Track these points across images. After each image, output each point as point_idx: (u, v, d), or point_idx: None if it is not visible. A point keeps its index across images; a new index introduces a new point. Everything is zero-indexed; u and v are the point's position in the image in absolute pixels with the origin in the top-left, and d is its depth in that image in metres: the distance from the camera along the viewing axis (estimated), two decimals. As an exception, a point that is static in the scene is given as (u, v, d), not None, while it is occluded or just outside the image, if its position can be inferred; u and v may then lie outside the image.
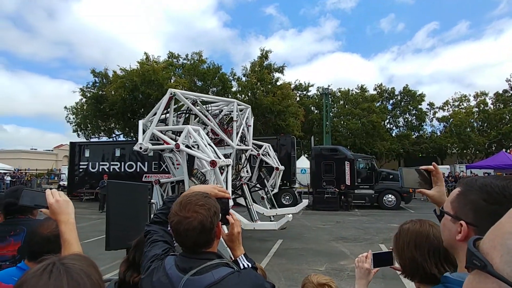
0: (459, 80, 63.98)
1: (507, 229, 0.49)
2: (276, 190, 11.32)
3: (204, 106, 8.35)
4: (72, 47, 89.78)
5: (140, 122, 7.27)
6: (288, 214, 8.65)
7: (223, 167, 6.55)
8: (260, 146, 10.75)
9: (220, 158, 6.44)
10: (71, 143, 21.74)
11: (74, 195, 20.30)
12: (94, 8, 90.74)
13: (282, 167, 11.17)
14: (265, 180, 10.73)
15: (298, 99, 34.50)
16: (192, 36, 72.46)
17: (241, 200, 9.16)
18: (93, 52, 77.81)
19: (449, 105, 36.01)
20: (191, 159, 6.84)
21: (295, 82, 34.44)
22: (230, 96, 28.67)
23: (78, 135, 29.79)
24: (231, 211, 1.59)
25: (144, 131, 7.04)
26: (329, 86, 32.50)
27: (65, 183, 23.58)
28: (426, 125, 36.54)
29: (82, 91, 28.65)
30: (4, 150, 49.45)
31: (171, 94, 7.33)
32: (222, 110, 9.15)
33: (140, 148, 6.43)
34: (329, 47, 76.89)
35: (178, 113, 8.65)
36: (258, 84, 28.14)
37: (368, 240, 9.10)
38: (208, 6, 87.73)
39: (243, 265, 1.35)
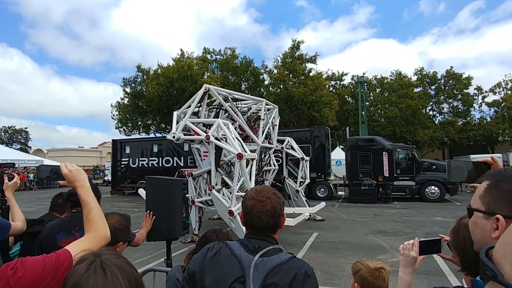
0: (510, 61, 58.34)
1: None
2: (308, 181, 11.43)
3: (234, 103, 8.59)
4: (114, 52, 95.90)
5: (175, 113, 7.66)
6: (306, 212, 8.57)
7: (249, 161, 6.72)
8: (282, 141, 10.94)
9: (246, 152, 6.59)
10: (113, 140, 23.06)
11: (118, 189, 21.59)
12: (131, 14, 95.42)
13: (307, 157, 11.33)
14: (293, 173, 11.28)
15: (331, 89, 33.57)
16: (224, 34, 73.60)
17: None
18: (131, 55, 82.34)
19: (500, 88, 32.96)
20: (218, 151, 7.07)
21: (327, 72, 33.54)
22: (262, 90, 28.65)
23: (120, 131, 31.58)
24: None
25: (177, 122, 7.37)
26: (364, 74, 31.16)
27: (110, 178, 25.15)
28: (474, 110, 33.78)
29: (124, 83, 30.33)
30: (55, 148, 53.97)
31: (205, 89, 7.64)
32: (250, 108, 9.48)
33: (173, 137, 6.78)
34: (363, 35, 74.02)
35: (210, 107, 8.91)
36: (290, 75, 27.77)
37: (409, 234, 8.69)
38: (238, 5, 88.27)
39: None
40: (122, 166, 21.65)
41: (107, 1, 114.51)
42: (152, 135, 30.82)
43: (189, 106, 7.64)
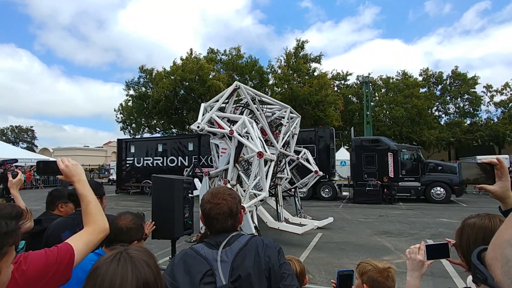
0: (516, 62, 57.44)
1: (504, 237, 0.47)
2: (305, 190, 11.62)
3: (260, 106, 8.65)
4: (120, 52, 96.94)
5: (202, 105, 7.74)
6: (314, 224, 8.45)
7: (267, 161, 6.78)
8: (298, 152, 10.92)
9: (266, 152, 6.63)
10: (118, 139, 23.17)
11: (123, 189, 21.70)
12: (137, 15, 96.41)
13: (321, 173, 11.35)
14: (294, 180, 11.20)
15: (336, 89, 33.42)
16: (229, 36, 73.85)
17: (270, 201, 9.37)
18: (137, 55, 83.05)
19: (508, 88, 32.53)
20: (239, 147, 7.11)
21: (332, 72, 33.40)
22: (267, 89, 28.60)
23: (124, 132, 31.72)
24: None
25: (203, 114, 7.44)
26: (369, 74, 30.98)
27: (115, 177, 25.28)
28: (481, 111, 33.36)
29: (127, 86, 30.38)
30: (61, 148, 54.53)
31: (236, 86, 7.72)
32: (274, 113, 9.53)
33: (198, 127, 6.81)
34: (368, 36, 73.71)
35: (236, 105, 8.97)
36: (294, 75, 27.70)
37: (414, 235, 8.61)
38: (243, 6, 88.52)
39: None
40: (127, 165, 21.75)
41: (114, 2, 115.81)
42: (156, 135, 30.94)
43: (217, 101, 7.72)
